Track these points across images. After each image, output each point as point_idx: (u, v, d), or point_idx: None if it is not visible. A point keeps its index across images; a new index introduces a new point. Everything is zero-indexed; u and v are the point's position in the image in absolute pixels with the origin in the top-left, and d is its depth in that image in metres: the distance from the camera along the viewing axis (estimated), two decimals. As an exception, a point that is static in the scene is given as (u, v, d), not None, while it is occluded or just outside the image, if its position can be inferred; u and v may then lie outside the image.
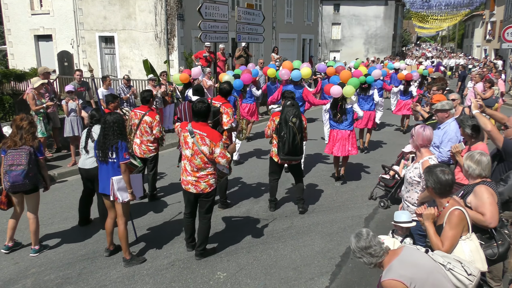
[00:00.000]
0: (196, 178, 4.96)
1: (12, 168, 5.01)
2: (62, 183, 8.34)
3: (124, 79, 11.90)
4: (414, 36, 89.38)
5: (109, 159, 4.98)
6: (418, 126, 4.29)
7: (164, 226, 6.31)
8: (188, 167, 4.98)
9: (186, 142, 4.95)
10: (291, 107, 6.32)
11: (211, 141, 4.82)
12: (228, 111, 6.41)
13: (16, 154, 5.07)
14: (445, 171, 3.35)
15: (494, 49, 34.67)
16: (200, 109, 4.92)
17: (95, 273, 5.01)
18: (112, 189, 4.98)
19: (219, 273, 5.01)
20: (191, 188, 5.01)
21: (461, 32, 65.62)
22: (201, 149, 4.83)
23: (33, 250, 5.48)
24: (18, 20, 20.89)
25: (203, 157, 4.87)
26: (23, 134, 5.17)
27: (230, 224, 6.35)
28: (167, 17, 17.18)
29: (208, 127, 5.00)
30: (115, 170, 5.00)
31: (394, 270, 2.82)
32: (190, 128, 4.90)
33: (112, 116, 5.01)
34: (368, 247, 2.95)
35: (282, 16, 26.38)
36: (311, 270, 5.07)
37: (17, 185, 5.08)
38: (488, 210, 3.54)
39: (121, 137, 4.98)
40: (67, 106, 8.93)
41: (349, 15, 43.12)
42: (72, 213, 6.74)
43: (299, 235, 5.99)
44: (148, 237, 5.95)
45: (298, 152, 6.39)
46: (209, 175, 4.99)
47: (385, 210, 6.88)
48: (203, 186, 4.98)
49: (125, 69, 18.43)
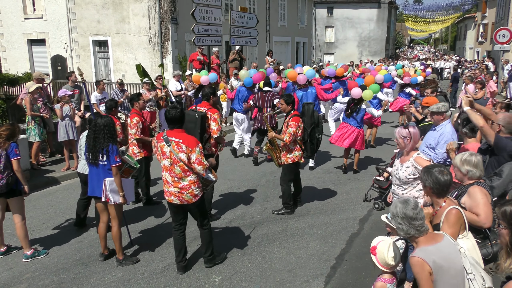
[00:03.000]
0: (178, 189, 4.72)
1: None
2: (56, 188, 8.32)
3: (117, 83, 11.90)
4: (407, 38, 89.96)
5: (99, 162, 4.99)
6: (410, 127, 4.36)
7: (159, 230, 6.30)
8: (168, 178, 4.75)
9: (163, 152, 4.73)
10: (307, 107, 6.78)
11: (187, 147, 4.60)
12: (215, 117, 6.11)
13: None
14: (444, 171, 3.40)
15: (487, 51, 34.92)
16: (174, 116, 4.70)
17: (90, 278, 5.00)
18: (104, 190, 5.00)
19: (214, 276, 5.01)
20: (174, 199, 4.78)
21: (454, 34, 66.13)
22: (178, 156, 4.62)
23: (25, 256, 5.42)
24: (11, 24, 20.79)
25: (182, 165, 4.66)
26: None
27: (224, 227, 6.35)
28: (161, 21, 17.18)
29: (184, 134, 4.75)
30: (106, 173, 5.02)
31: (429, 253, 2.82)
32: (165, 137, 4.71)
33: (103, 120, 5.04)
34: (414, 219, 2.89)
35: (276, 19, 26.46)
36: (306, 273, 5.09)
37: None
38: (483, 211, 3.58)
39: (111, 140, 4.99)
40: (61, 110, 8.89)
41: (342, 18, 43.36)
42: (66, 218, 6.72)
43: (294, 238, 6.01)
44: (143, 241, 5.94)
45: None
46: (192, 185, 4.73)
47: (379, 211, 6.91)
48: (187, 197, 4.75)
49: (119, 73, 18.38)
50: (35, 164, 9.06)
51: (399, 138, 4.43)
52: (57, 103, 9.10)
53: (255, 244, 5.81)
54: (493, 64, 26.84)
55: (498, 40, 20.44)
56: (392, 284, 3.50)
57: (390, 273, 3.49)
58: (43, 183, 8.38)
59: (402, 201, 3.00)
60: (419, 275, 2.79)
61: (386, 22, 43.68)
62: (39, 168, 9.09)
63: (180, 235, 5.02)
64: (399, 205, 2.96)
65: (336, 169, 9.24)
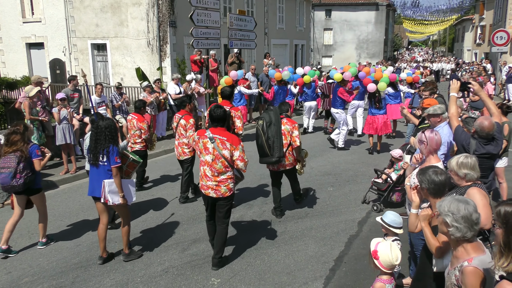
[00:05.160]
0: (216, 183, 5.03)
1: (1, 170, 5.37)
2: (54, 191, 8.31)
3: (115, 87, 11.91)
4: (406, 40, 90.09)
5: (99, 162, 5.09)
6: (427, 131, 4.32)
7: (157, 233, 6.30)
8: (208, 173, 5.03)
9: (206, 148, 5.01)
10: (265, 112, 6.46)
11: (231, 144, 4.94)
12: (239, 115, 6.80)
13: (7, 158, 5.40)
14: (438, 171, 3.41)
15: (484, 52, 35.00)
16: (219, 115, 5.05)
17: (89, 282, 4.99)
18: (103, 192, 5.08)
19: (213, 279, 5.00)
20: (211, 192, 5.07)
21: (452, 36, 66.26)
22: (222, 153, 4.93)
23: (41, 243, 5.90)
24: (10, 28, 20.80)
25: (223, 161, 4.96)
26: (14, 142, 5.48)
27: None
28: (159, 24, 17.20)
29: (227, 132, 5.15)
30: (106, 174, 5.11)
31: (484, 264, 2.68)
32: (209, 135, 4.98)
33: (105, 122, 5.16)
34: (476, 223, 2.71)
35: (274, 22, 26.51)
36: (305, 275, 5.09)
37: (6, 187, 5.45)
38: (482, 212, 3.56)
39: (112, 141, 5.09)
40: (59, 114, 8.90)
41: (340, 20, 43.40)
42: (65, 221, 6.71)
43: (293, 240, 6.01)
44: (142, 244, 5.94)
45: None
46: (228, 179, 5.07)
47: (378, 213, 6.91)
48: (223, 190, 5.06)
49: (118, 76, 18.38)
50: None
51: (417, 142, 4.43)
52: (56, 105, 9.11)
53: (254, 247, 5.81)
54: (491, 66, 26.91)
55: (495, 42, 20.52)
56: (391, 285, 3.51)
57: (389, 274, 3.51)
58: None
59: (462, 200, 2.77)
60: (474, 285, 2.64)
61: (384, 24, 43.73)
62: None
63: (212, 224, 5.42)
64: (462, 205, 2.72)
65: (334, 171, 9.25)
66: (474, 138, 4.68)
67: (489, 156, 4.64)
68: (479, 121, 4.69)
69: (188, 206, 7.31)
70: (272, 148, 6.18)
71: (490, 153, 4.63)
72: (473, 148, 4.61)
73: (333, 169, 9.47)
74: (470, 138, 4.70)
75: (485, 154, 4.59)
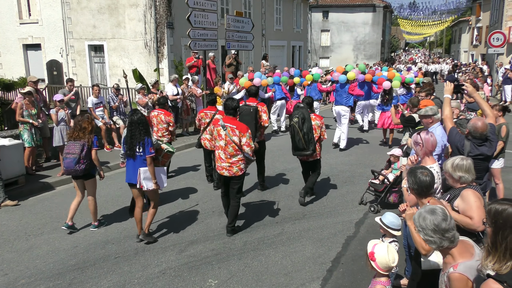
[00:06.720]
0: (229, 164, 5.92)
1: (67, 156, 6.04)
2: (51, 193, 8.29)
3: (113, 88, 11.90)
4: (403, 42, 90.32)
5: (136, 153, 5.68)
6: (422, 133, 4.34)
7: (155, 234, 6.29)
8: (222, 155, 5.94)
9: (219, 134, 5.91)
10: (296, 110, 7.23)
11: (240, 131, 5.78)
12: (265, 109, 7.67)
13: (72, 145, 6.07)
14: (424, 172, 3.49)
15: (481, 54, 35.15)
16: (231, 105, 5.98)
17: (86, 283, 4.98)
18: (139, 179, 5.69)
19: (210, 280, 5.01)
20: (225, 172, 5.96)
21: (448, 37, 66.47)
22: (232, 139, 5.80)
23: (93, 226, 6.51)
24: (6, 29, 20.76)
25: (234, 145, 5.83)
26: (79, 131, 6.13)
27: (221, 231, 6.35)
28: (157, 26, 17.21)
29: (237, 121, 6.01)
30: (142, 163, 5.70)
31: (472, 269, 2.63)
32: (222, 123, 5.86)
33: (136, 117, 5.69)
34: (446, 230, 2.67)
35: (272, 24, 26.56)
36: (302, 276, 5.09)
37: (69, 171, 6.09)
38: (476, 214, 3.59)
39: (146, 134, 5.67)
40: (56, 115, 8.86)
41: (338, 22, 43.51)
42: (61, 223, 6.69)
43: (290, 241, 6.02)
44: (139, 245, 5.93)
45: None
46: (240, 161, 5.94)
47: (375, 214, 6.93)
48: (235, 170, 5.94)
49: (115, 77, 18.37)
50: (30, 169, 8.97)
51: (413, 144, 4.45)
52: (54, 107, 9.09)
53: (251, 248, 5.81)
54: (488, 67, 27.01)
55: (492, 43, 20.61)
56: (389, 286, 3.52)
57: (386, 276, 3.51)
58: (39, 188, 8.34)
59: (428, 211, 2.75)
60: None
61: (381, 25, 43.86)
62: (34, 173, 9.02)
63: (226, 199, 6.28)
64: (428, 217, 2.72)
65: (331, 173, 9.27)
66: (468, 139, 4.70)
67: (483, 157, 4.66)
68: (472, 122, 4.71)
69: (184, 208, 7.31)
70: (308, 142, 6.97)
71: (484, 154, 4.64)
72: (468, 150, 4.63)
73: (330, 170, 9.48)
74: (464, 139, 4.71)
75: (479, 155, 4.61)
